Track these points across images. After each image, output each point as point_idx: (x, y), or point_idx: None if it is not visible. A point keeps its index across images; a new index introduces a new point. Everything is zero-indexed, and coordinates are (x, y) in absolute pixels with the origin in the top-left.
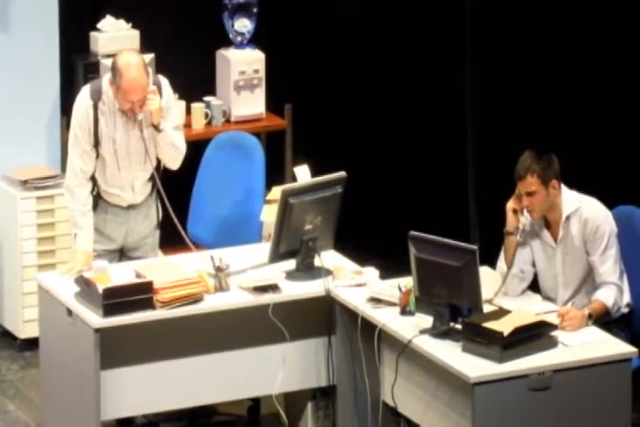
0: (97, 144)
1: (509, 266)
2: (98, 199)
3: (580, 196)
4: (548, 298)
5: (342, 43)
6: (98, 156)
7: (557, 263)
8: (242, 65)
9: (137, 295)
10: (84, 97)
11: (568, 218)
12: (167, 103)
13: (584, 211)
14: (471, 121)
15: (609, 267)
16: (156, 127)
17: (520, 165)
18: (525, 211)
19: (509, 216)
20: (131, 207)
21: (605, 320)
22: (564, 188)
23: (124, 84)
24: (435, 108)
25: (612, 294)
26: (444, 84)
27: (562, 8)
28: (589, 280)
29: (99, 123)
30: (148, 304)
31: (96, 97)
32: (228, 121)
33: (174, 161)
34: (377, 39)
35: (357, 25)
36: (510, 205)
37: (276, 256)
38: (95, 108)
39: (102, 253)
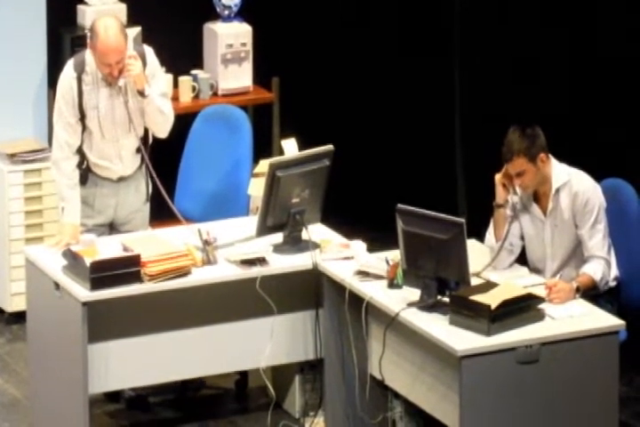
0: (83, 117)
1: (501, 238)
2: (88, 173)
3: (570, 169)
4: (535, 270)
5: (329, 15)
6: (85, 129)
7: (546, 236)
8: (229, 38)
9: (124, 269)
10: (67, 70)
11: (558, 191)
12: (152, 71)
13: (574, 184)
14: (459, 95)
15: (598, 241)
16: (141, 93)
17: (506, 147)
18: (517, 188)
19: (499, 189)
20: (121, 180)
21: (593, 293)
22: (554, 160)
23: (100, 46)
24: (423, 82)
25: (600, 268)
26: (432, 58)
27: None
28: (578, 253)
29: (83, 95)
30: (136, 278)
31: (79, 69)
32: (215, 94)
33: (162, 128)
34: (365, 11)
35: None
36: (499, 177)
37: (264, 229)
38: (79, 80)
39: (92, 228)
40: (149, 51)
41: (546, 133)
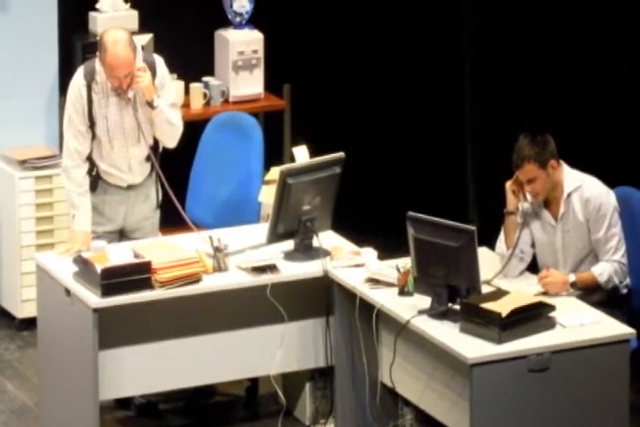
0: (92, 124)
1: (511, 246)
2: (98, 180)
3: (582, 174)
4: None
5: (340, 23)
6: (94, 136)
7: (557, 241)
8: (240, 45)
9: (135, 275)
10: (77, 78)
11: (569, 195)
12: (162, 81)
13: (585, 189)
14: (470, 100)
15: (613, 244)
16: (150, 104)
17: (516, 154)
18: (528, 195)
19: (509, 196)
20: (130, 188)
21: (603, 299)
22: (565, 166)
23: (109, 60)
24: (433, 88)
25: (609, 269)
26: (442, 64)
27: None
28: (589, 259)
29: (92, 103)
30: (147, 284)
31: (89, 77)
32: (226, 101)
33: (170, 138)
34: (376, 18)
35: (356, 5)
36: (510, 184)
37: (275, 237)
38: (89, 88)
39: (102, 235)
40: (159, 61)
41: (558, 139)
